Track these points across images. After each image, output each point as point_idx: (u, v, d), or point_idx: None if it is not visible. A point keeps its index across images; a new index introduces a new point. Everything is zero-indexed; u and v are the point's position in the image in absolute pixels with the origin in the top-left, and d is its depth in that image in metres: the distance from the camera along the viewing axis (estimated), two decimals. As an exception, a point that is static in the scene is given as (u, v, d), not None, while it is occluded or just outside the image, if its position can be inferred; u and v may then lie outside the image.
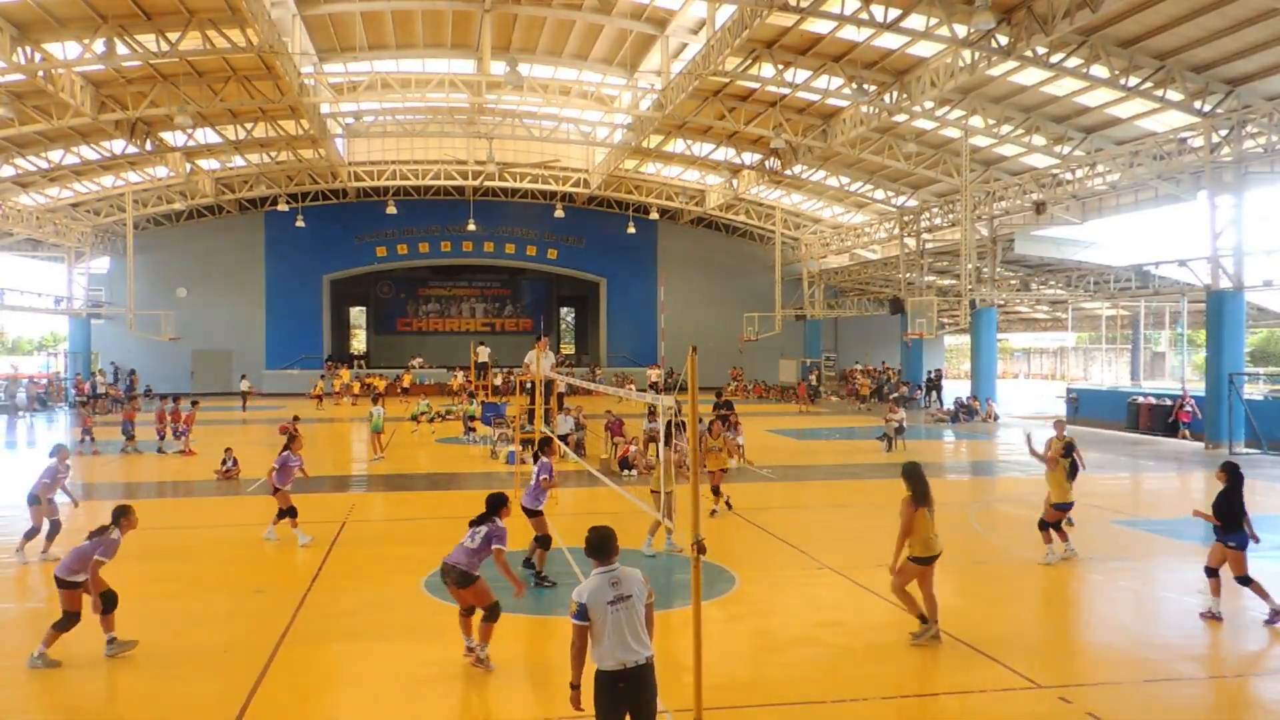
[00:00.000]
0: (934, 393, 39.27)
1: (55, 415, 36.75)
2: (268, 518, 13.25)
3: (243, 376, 40.15)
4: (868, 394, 41.22)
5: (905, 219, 38.46)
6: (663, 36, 30.30)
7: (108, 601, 8.30)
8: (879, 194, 39.89)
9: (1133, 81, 23.03)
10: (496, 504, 8.42)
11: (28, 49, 23.68)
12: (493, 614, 7.98)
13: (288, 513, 12.80)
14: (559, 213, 46.08)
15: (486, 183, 43.43)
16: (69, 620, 8.15)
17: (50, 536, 11.99)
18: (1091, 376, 47.97)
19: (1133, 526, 14.15)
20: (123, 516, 8.58)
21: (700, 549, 6.59)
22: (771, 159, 36.99)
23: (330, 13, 28.70)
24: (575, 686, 5.55)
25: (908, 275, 38.88)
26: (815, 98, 30.09)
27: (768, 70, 27.57)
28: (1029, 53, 22.35)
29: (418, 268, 51.75)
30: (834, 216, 45.69)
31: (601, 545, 5.66)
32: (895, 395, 35.29)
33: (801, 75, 27.82)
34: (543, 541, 10.85)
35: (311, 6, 28.11)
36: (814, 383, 44.46)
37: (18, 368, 46.63)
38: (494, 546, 8.10)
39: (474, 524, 8.30)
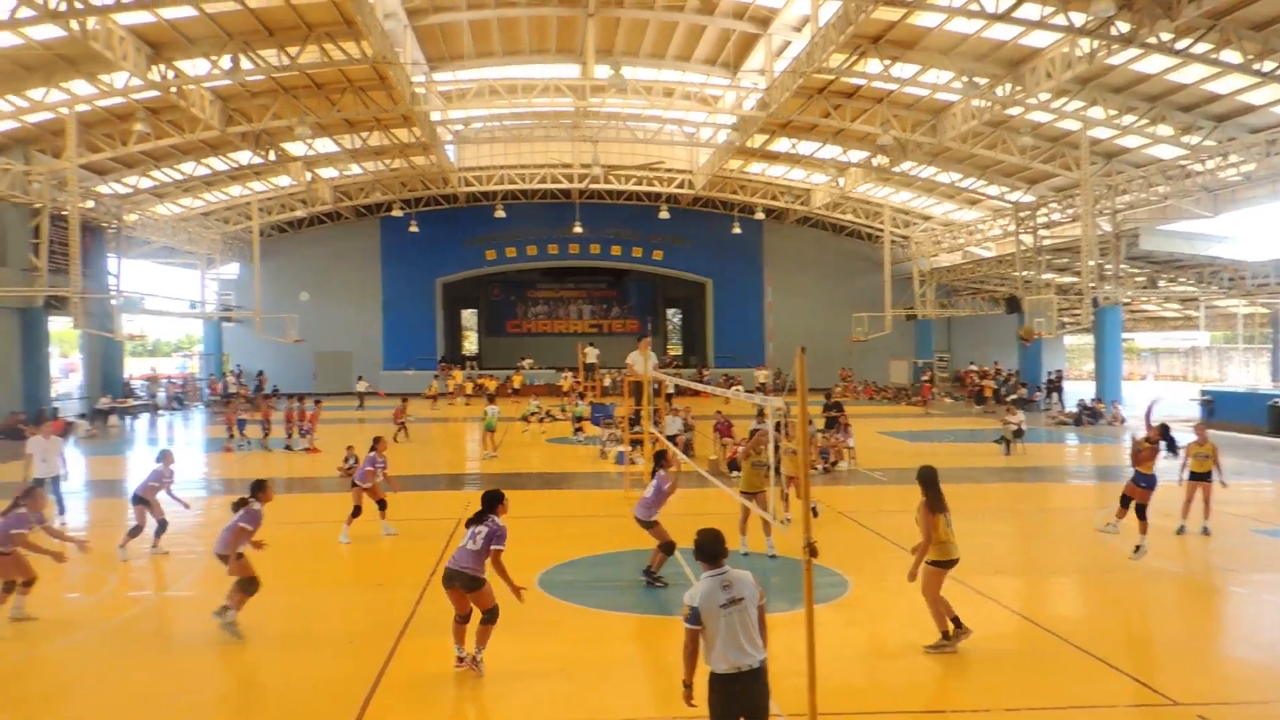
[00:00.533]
0: (1055, 394, 37.80)
1: (191, 414, 38.71)
2: (391, 513, 13.67)
3: (359, 378, 41.62)
4: (990, 395, 39.94)
5: (1021, 215, 37.17)
6: (765, 35, 30.06)
7: (249, 586, 8.73)
8: (992, 189, 38.67)
9: (1268, 66, 21.71)
10: (493, 501, 8.19)
11: (162, 67, 25.05)
12: (491, 617, 7.90)
13: (355, 513, 13.32)
14: (664, 214, 46.21)
15: (592, 185, 43.86)
16: (249, 584, 8.85)
17: (158, 534, 12.50)
18: (1228, 378, 45.44)
19: (1275, 536, 13.34)
20: (260, 490, 9.29)
21: (812, 551, 6.50)
22: (879, 156, 36.26)
23: (440, 23, 29.45)
24: (687, 685, 5.55)
25: (1024, 273, 37.57)
26: (924, 93, 29.39)
27: (874, 66, 27.04)
28: (1152, 39, 21.31)
29: (526, 270, 52.59)
30: (945, 214, 44.52)
31: (711, 548, 5.62)
32: (1013, 397, 34.13)
33: (909, 70, 27.21)
34: (666, 548, 10.72)
35: (422, 17, 28.90)
36: (925, 383, 43.42)
37: (156, 369, 49.32)
38: (493, 548, 7.89)
39: (471, 524, 8.07)
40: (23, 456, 14.46)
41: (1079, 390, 39.40)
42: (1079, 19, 21.47)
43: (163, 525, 12.56)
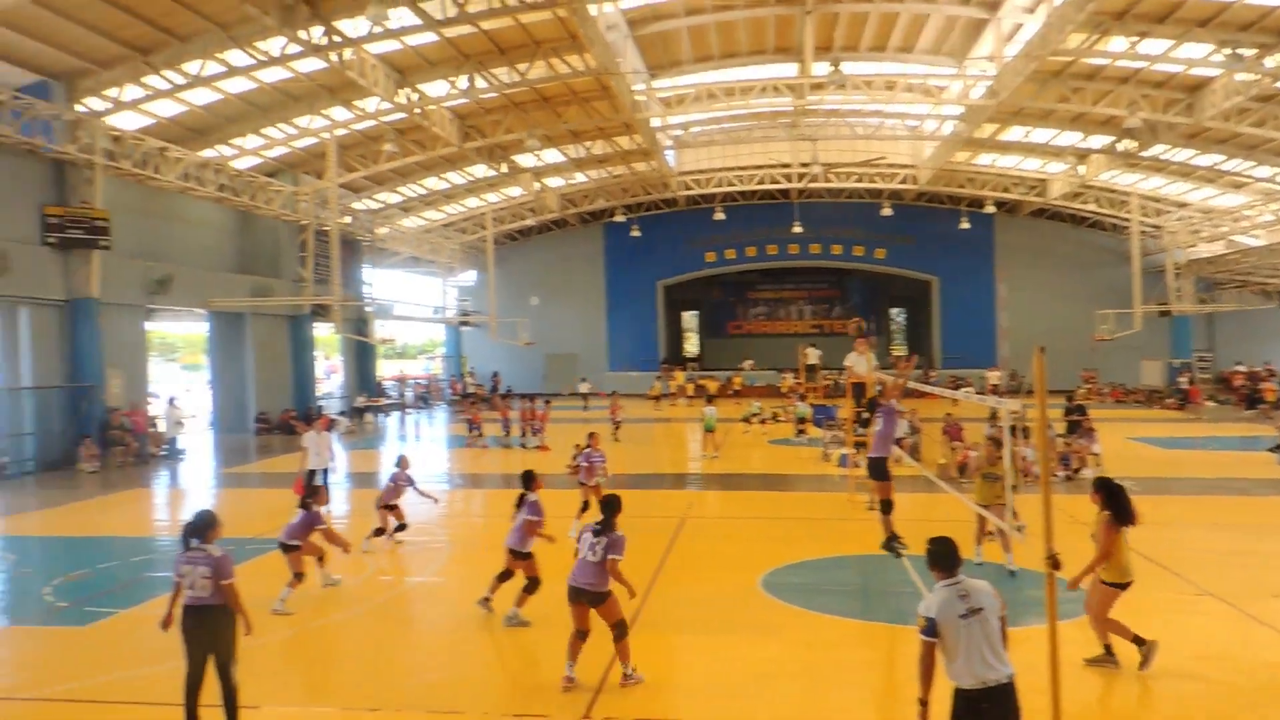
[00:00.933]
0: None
1: (434, 412, 41.54)
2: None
3: (583, 379, 43.16)
4: (1275, 399, 35.90)
5: (1297, 197, 33.29)
6: (995, 19, 28.49)
7: (533, 586, 9.32)
8: (1262, 171, 34.80)
9: None
10: (615, 509, 8.01)
11: (407, 90, 27.06)
12: (622, 632, 7.68)
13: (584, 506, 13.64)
14: (886, 211, 44.89)
15: (811, 184, 43.28)
16: (533, 585, 9.36)
17: (398, 529, 13.28)
18: None
19: None
20: (531, 481, 9.81)
21: (1054, 564, 6.14)
22: (1125, 140, 33.53)
23: (659, 31, 30.03)
24: (923, 702, 5.29)
25: (1301, 262, 33.58)
26: (1177, 69, 26.88)
27: (1118, 44, 25.00)
28: None
29: (746, 271, 52.57)
30: (1204, 200, 40.53)
31: (946, 557, 5.42)
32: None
33: (1160, 46, 24.95)
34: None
35: (642, 27, 29.57)
36: (1184, 385, 39.71)
37: (404, 371, 53.34)
38: (610, 557, 7.62)
39: (594, 532, 7.79)
40: (298, 449, 15.94)
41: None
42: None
43: (401, 527, 13.32)
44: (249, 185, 28.96)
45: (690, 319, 59.22)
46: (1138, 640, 7.84)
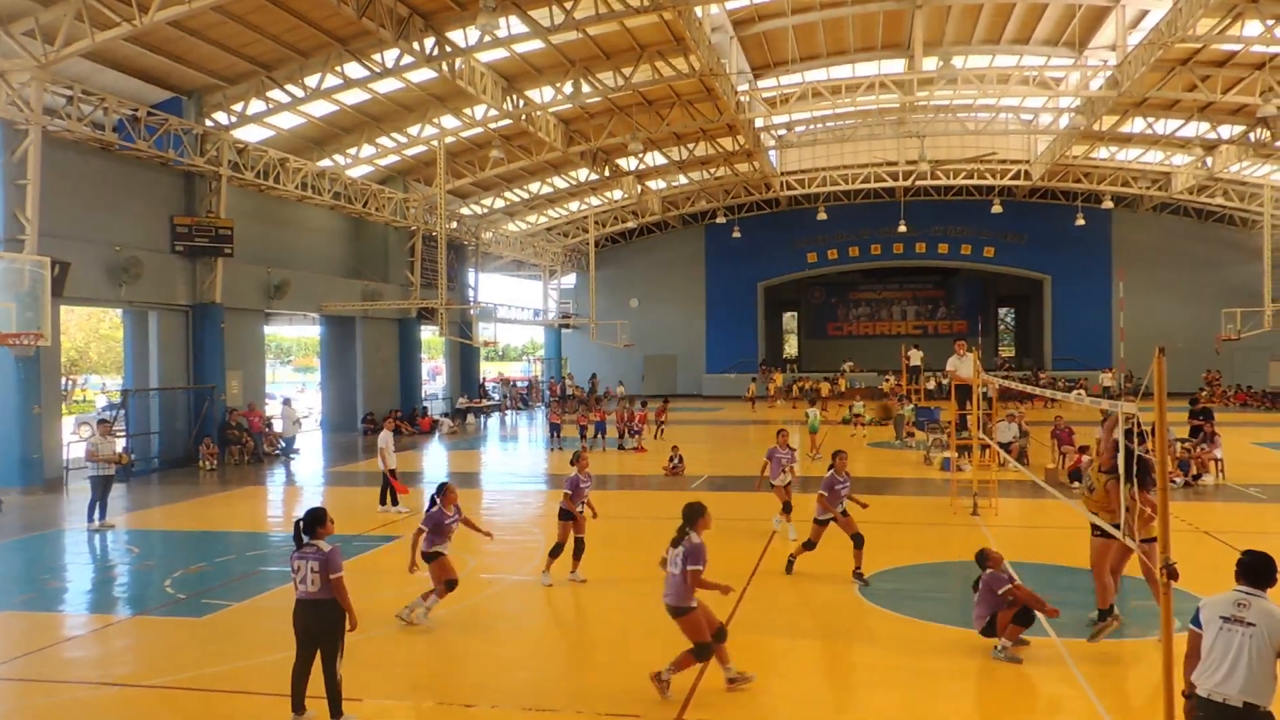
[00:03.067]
0: None
1: (534, 414, 42.23)
2: (711, 512, 14.02)
3: (620, 383, 43.77)
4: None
5: None
6: (1118, 7, 27.36)
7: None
8: None
9: None
10: (694, 516, 7.63)
11: (514, 98, 27.60)
12: (701, 653, 7.36)
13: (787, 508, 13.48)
14: (996, 208, 43.57)
15: (918, 182, 42.37)
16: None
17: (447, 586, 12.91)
18: None
19: None
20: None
21: (1171, 574, 5.88)
22: (1259, 129, 31.74)
23: (764, 30, 29.84)
24: (1187, 695, 5.12)
25: None
26: (1318, 51, 25.34)
27: (1252, 28, 23.69)
28: None
29: (847, 272, 51.78)
30: (1344, 190, 38.05)
31: (1256, 569, 5.14)
32: None
33: (1299, 28, 23.56)
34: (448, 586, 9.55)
35: (747, 27, 29.45)
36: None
37: (504, 373, 54.39)
38: (689, 569, 7.29)
39: (673, 543, 7.52)
40: (378, 450, 16.29)
41: None
42: None
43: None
44: (361, 193, 30.02)
45: (790, 320, 58.70)
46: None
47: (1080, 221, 43.89)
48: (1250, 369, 42.29)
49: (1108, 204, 43.23)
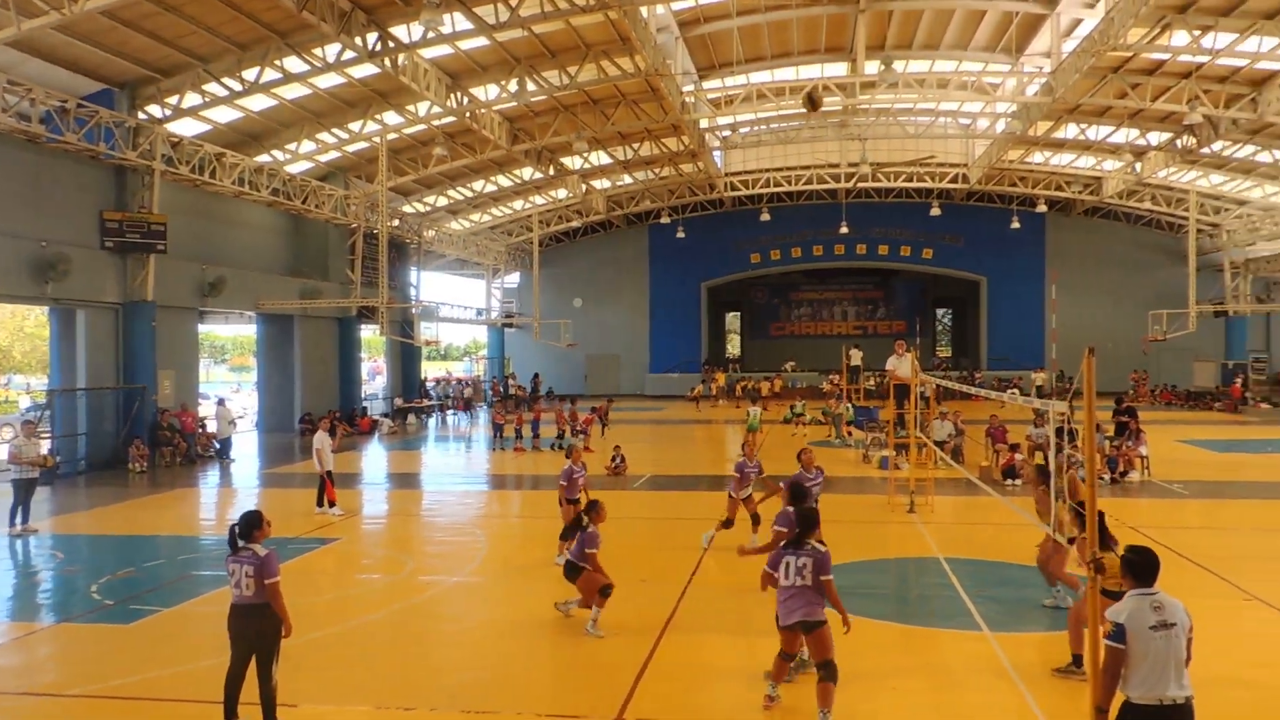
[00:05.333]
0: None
1: (476, 414, 41.91)
2: (651, 512, 14.10)
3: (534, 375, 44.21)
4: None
5: (1364, 195, 32.27)
6: (1053, 15, 28.07)
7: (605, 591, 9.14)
8: (1327, 167, 33.86)
9: None
10: (811, 522, 7.29)
11: (458, 94, 27.36)
12: (832, 673, 6.82)
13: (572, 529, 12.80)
14: (935, 210, 44.35)
15: (859, 184, 42.95)
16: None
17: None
18: None
19: None
20: (592, 511, 9.60)
21: (1098, 568, 6.04)
22: (1185, 137, 32.80)
23: (709, 32, 30.01)
24: (1102, 710, 5.20)
25: (1367, 262, 32.53)
26: (1241, 63, 26.19)
27: (1180, 38, 24.45)
28: None
29: (790, 272, 52.29)
30: (1265, 197, 39.45)
31: (1145, 566, 5.25)
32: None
33: (1224, 40, 24.35)
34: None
35: (693, 28, 29.58)
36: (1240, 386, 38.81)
37: (451, 372, 53.89)
38: (823, 579, 6.93)
39: (794, 549, 7.09)
40: (315, 451, 15.99)
41: None
42: None
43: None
44: (301, 189, 29.49)
45: (733, 320, 59.11)
46: None
47: (1015, 224, 44.90)
48: (1175, 369, 43.67)
49: (1042, 207, 44.26)
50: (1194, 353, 43.09)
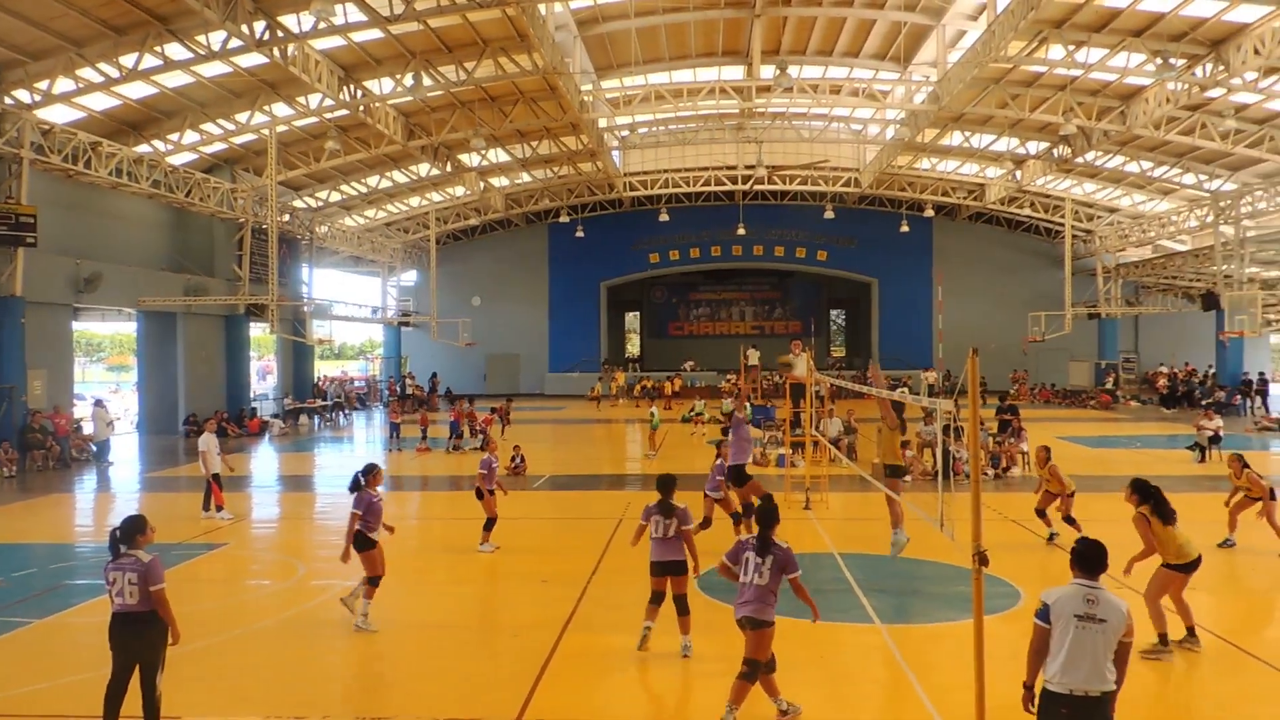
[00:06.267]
0: (1258, 398, 34.86)
1: (371, 414, 41.05)
2: (552, 512, 14.05)
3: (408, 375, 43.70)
4: (1165, 392, 37.68)
5: (1222, 205, 34.41)
6: (939, 26, 29.08)
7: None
8: (1188, 178, 36.01)
9: None
10: (772, 521, 7.26)
11: (351, 87, 26.71)
12: (769, 667, 7.01)
13: (489, 524, 12.89)
14: (829, 213, 45.46)
15: (756, 187, 43.67)
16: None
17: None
18: None
19: None
20: (670, 487, 9.20)
21: (982, 560, 6.29)
22: (1061, 146, 34.44)
23: (608, 31, 30.06)
24: (1028, 686, 5.38)
25: (1224, 267, 34.77)
26: (1112, 77, 27.68)
27: (1056, 52, 25.67)
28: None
29: (689, 273, 52.87)
30: (1134, 205, 41.76)
31: (1088, 559, 5.41)
32: (1209, 401, 31.67)
33: (1096, 54, 25.69)
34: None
35: (591, 27, 29.58)
36: (1110, 386, 40.98)
37: (347, 371, 52.57)
38: (789, 576, 6.95)
39: (758, 551, 7.02)
40: (200, 453, 15.43)
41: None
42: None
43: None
44: (184, 181, 28.30)
45: (632, 320, 59.40)
46: (1162, 638, 8.19)
47: (905, 228, 46.38)
48: (1053, 368, 45.82)
49: (929, 212, 45.84)
50: (1070, 353, 45.30)
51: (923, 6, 28.40)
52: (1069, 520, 12.94)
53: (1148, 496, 8.53)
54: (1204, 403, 31.55)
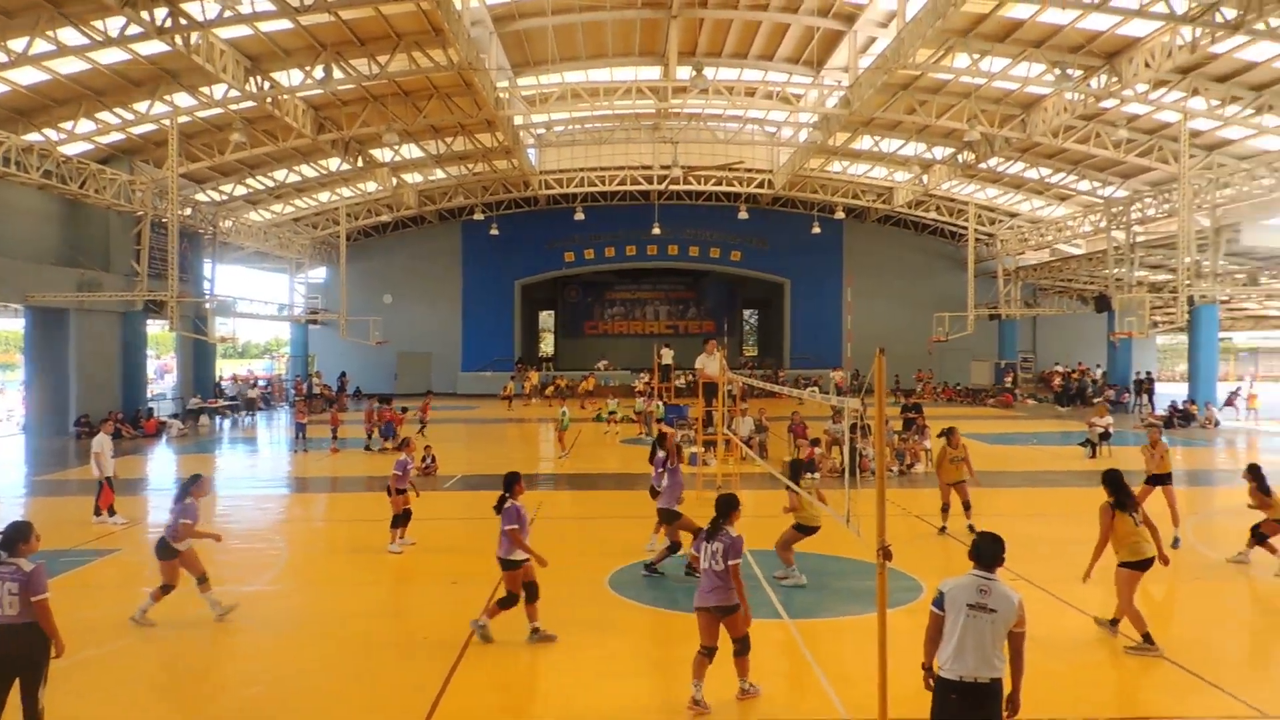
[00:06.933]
0: (1144, 396, 36.56)
1: (276, 414, 39.95)
2: (463, 512, 13.90)
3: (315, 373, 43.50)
4: (1059, 390, 39.33)
5: (1114, 211, 35.96)
6: (850, 32, 29.69)
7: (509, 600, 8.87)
8: (1083, 185, 37.53)
9: (1384, 51, 20.62)
10: (728, 509, 7.57)
11: (258, 79, 25.93)
12: (745, 647, 7.32)
13: (402, 519, 12.95)
14: (743, 214, 45.97)
15: (671, 187, 43.88)
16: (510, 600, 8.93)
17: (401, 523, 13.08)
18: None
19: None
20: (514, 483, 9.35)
21: (886, 555, 6.44)
22: (965, 152, 35.52)
23: (524, 28, 29.85)
24: (927, 668, 5.53)
25: (1116, 271, 36.33)
26: (1013, 86, 28.68)
27: (962, 60, 26.48)
28: (1260, 25, 20.36)
29: (604, 272, 52.87)
30: (1033, 210, 43.34)
31: (986, 551, 5.57)
32: (1101, 400, 33.07)
33: (999, 64, 26.57)
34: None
35: (508, 24, 29.33)
36: (1008, 385, 42.48)
37: (253, 370, 51.04)
38: (730, 563, 7.17)
39: (707, 539, 7.38)
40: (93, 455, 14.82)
41: (1171, 392, 38.04)
42: (1181, 6, 20.70)
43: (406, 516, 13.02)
44: (78, 172, 27.02)
45: (547, 319, 59.19)
46: (1146, 638, 8.32)
47: (816, 230, 47.17)
48: (956, 368, 47.24)
49: (840, 214, 46.74)
50: (972, 353, 46.77)
51: (835, 12, 28.96)
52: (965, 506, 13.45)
53: (1117, 489, 8.73)
54: (1095, 401, 32.88)
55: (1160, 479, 13.05)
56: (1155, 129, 30.19)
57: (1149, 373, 38.66)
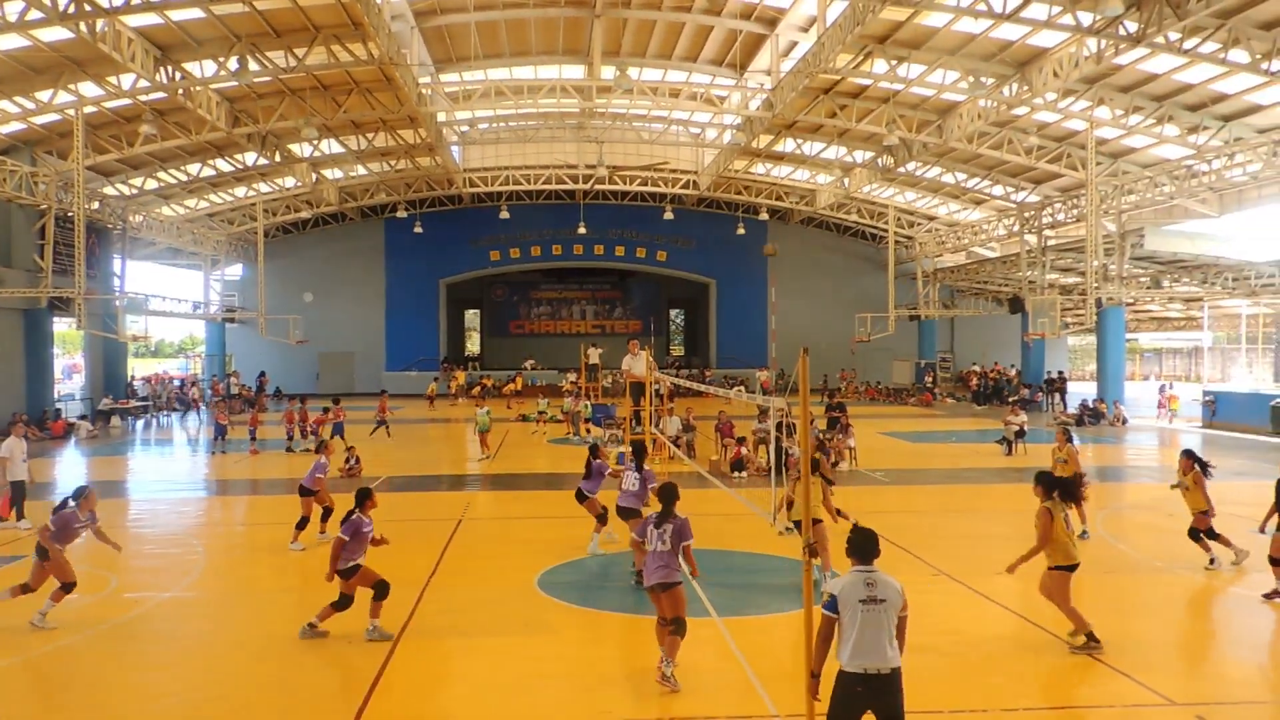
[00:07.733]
0: (1057, 395, 37.84)
1: (190, 415, 38.75)
2: (389, 514, 13.64)
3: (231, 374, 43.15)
4: (976, 389, 40.54)
5: (1026, 215, 37.11)
6: (772, 35, 30.06)
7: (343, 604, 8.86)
8: (997, 190, 38.65)
9: (1276, 66, 21.63)
10: (672, 497, 8.05)
11: (169, 69, 25.12)
12: (680, 628, 7.59)
13: (302, 523, 12.89)
14: (668, 215, 46.22)
15: (597, 186, 43.88)
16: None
17: (324, 519, 13.28)
18: (1231, 378, 45.32)
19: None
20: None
21: (811, 552, 6.55)
22: (885, 156, 36.27)
23: (447, 24, 29.50)
24: (815, 675, 5.64)
25: (1028, 273, 37.52)
26: (930, 93, 29.38)
27: (880, 66, 27.03)
28: (1160, 39, 21.26)
29: (530, 271, 52.62)
30: (949, 214, 44.49)
31: (864, 545, 5.72)
32: (1015, 398, 34.11)
33: (915, 70, 27.19)
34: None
35: (429, 19, 28.95)
36: (928, 384, 43.53)
37: (168, 371, 49.39)
38: (684, 543, 7.74)
39: (656, 524, 7.84)
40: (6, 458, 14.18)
41: (1081, 391, 39.43)
42: (1087, 18, 21.43)
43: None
44: (-25, 163, 25.89)
45: (472, 318, 58.66)
46: (1091, 637, 8.37)
47: (741, 231, 47.70)
48: (877, 367, 48.23)
49: (764, 216, 47.29)
50: (893, 353, 47.79)
51: (757, 16, 29.29)
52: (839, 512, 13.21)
53: (1053, 488, 8.75)
54: (1010, 399, 33.90)
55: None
56: (1064, 136, 31.24)
57: (1061, 372, 40.01)
